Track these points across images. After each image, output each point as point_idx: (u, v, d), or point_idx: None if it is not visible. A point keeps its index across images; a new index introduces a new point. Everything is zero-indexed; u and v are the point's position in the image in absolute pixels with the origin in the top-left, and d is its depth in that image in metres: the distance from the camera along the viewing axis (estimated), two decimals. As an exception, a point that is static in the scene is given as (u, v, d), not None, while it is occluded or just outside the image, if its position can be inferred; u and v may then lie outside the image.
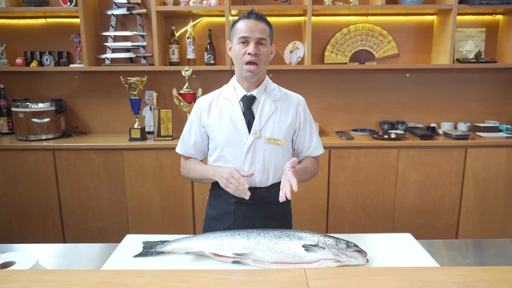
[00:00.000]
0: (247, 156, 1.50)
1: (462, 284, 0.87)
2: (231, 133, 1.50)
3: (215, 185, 1.59)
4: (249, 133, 1.49)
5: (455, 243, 1.51)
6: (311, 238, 1.30)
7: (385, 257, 1.31)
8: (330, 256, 1.25)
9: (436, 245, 1.48)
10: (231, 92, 1.53)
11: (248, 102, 1.51)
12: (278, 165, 1.54)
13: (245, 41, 1.43)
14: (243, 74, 1.47)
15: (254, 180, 1.52)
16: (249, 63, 1.42)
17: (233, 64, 2.02)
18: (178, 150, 1.64)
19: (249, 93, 1.52)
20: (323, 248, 1.26)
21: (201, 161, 1.65)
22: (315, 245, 1.27)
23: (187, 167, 1.62)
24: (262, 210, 1.55)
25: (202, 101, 1.57)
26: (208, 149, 1.62)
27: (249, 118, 1.50)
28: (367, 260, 1.27)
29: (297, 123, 1.57)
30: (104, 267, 1.25)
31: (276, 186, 1.57)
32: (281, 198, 1.33)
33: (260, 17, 1.44)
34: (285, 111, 1.54)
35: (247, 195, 1.38)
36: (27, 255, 1.19)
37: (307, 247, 1.26)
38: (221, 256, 1.29)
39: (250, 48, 1.42)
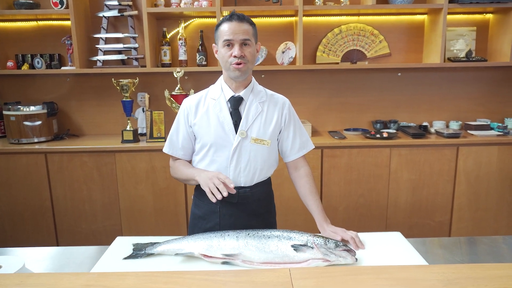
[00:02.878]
0: (234, 156, 1.51)
1: (446, 282, 0.87)
2: (218, 133, 1.51)
3: None
4: (236, 133, 1.50)
5: (445, 241, 1.52)
6: (300, 238, 1.31)
7: (374, 256, 1.31)
8: (319, 256, 1.25)
9: (426, 244, 1.48)
10: (219, 93, 1.55)
11: (235, 103, 1.52)
12: (263, 165, 1.56)
13: (229, 43, 1.44)
14: (231, 75, 1.49)
15: (240, 180, 1.53)
16: (236, 64, 1.44)
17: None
18: (166, 150, 1.64)
19: (236, 94, 1.53)
20: (312, 247, 1.27)
21: (189, 161, 1.65)
22: (304, 245, 1.28)
23: (175, 168, 1.62)
24: (247, 208, 1.57)
25: (189, 101, 1.58)
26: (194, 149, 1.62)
27: (236, 119, 1.52)
28: (356, 259, 1.27)
29: (282, 124, 1.59)
30: (93, 270, 1.24)
31: (260, 185, 1.59)
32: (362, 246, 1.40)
33: (242, 18, 1.45)
34: (270, 112, 1.56)
35: (217, 197, 1.34)
36: (13, 258, 1.18)
37: (296, 247, 1.27)
38: (211, 257, 1.29)
39: (236, 50, 1.43)
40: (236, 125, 1.51)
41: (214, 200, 1.36)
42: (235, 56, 1.43)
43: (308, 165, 1.66)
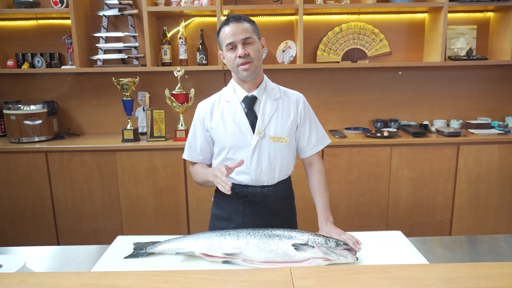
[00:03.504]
0: (253, 156, 1.51)
1: (447, 281, 0.87)
2: (235, 134, 1.51)
3: None
4: (253, 133, 1.50)
5: (446, 240, 1.52)
6: (300, 237, 1.31)
7: (375, 255, 1.32)
8: (319, 255, 1.25)
9: (427, 242, 1.49)
10: (232, 94, 1.55)
11: (249, 103, 1.52)
12: (284, 163, 1.57)
13: (232, 46, 1.45)
14: (240, 76, 1.49)
15: (262, 179, 1.54)
16: (242, 64, 1.44)
17: (225, 64, 2.02)
18: (185, 156, 1.65)
19: (250, 94, 1.53)
20: (313, 247, 1.27)
21: (209, 165, 1.65)
22: (305, 244, 1.28)
23: (194, 173, 1.63)
24: (270, 207, 1.58)
25: (203, 105, 1.59)
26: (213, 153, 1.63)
27: (252, 119, 1.52)
28: (357, 258, 1.27)
29: (298, 120, 1.58)
30: (94, 269, 1.25)
31: (282, 184, 1.60)
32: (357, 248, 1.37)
33: (239, 18, 1.46)
34: (286, 109, 1.56)
35: (227, 190, 1.35)
36: (14, 258, 1.18)
37: (296, 246, 1.27)
38: (211, 256, 1.30)
39: (239, 51, 1.43)
40: (253, 125, 1.51)
41: (229, 193, 1.35)
42: (240, 57, 1.43)
43: (322, 162, 1.67)
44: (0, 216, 2.71)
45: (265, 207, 1.57)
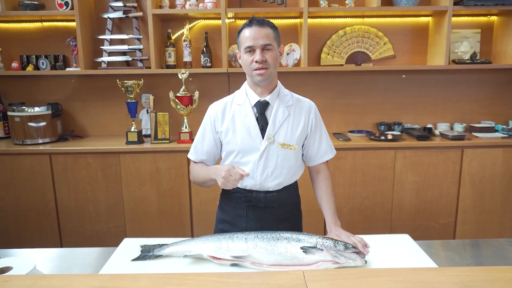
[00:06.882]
0: (260, 160, 1.50)
1: (461, 285, 0.87)
2: (244, 138, 1.51)
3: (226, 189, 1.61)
4: (263, 138, 1.50)
5: (452, 244, 1.52)
6: (309, 240, 1.30)
7: (383, 258, 1.31)
8: (328, 258, 1.25)
9: (433, 246, 1.48)
10: (244, 98, 1.54)
11: (261, 108, 1.52)
12: (290, 170, 1.56)
13: (251, 49, 1.44)
14: (254, 80, 1.49)
15: (267, 184, 1.53)
16: (258, 69, 1.44)
17: (230, 67, 2.06)
18: (190, 156, 1.64)
19: (262, 99, 1.52)
20: (321, 250, 1.26)
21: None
22: (313, 247, 1.27)
23: (194, 172, 1.61)
24: (274, 213, 1.57)
25: (215, 107, 1.58)
26: (221, 156, 1.62)
27: (263, 124, 1.51)
28: (365, 261, 1.27)
29: (309, 129, 1.58)
30: (102, 271, 1.24)
31: (287, 189, 1.59)
32: (366, 252, 1.37)
33: (262, 22, 1.44)
34: (297, 116, 1.55)
35: (244, 175, 1.33)
36: (24, 260, 1.18)
37: (305, 249, 1.26)
38: (219, 259, 1.29)
39: (257, 56, 1.42)
40: (263, 130, 1.50)
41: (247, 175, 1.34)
42: (256, 61, 1.43)
43: (329, 169, 1.67)
44: (4, 217, 2.71)
45: (269, 212, 1.56)
